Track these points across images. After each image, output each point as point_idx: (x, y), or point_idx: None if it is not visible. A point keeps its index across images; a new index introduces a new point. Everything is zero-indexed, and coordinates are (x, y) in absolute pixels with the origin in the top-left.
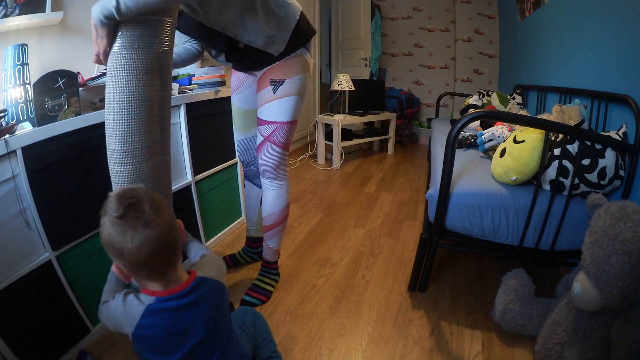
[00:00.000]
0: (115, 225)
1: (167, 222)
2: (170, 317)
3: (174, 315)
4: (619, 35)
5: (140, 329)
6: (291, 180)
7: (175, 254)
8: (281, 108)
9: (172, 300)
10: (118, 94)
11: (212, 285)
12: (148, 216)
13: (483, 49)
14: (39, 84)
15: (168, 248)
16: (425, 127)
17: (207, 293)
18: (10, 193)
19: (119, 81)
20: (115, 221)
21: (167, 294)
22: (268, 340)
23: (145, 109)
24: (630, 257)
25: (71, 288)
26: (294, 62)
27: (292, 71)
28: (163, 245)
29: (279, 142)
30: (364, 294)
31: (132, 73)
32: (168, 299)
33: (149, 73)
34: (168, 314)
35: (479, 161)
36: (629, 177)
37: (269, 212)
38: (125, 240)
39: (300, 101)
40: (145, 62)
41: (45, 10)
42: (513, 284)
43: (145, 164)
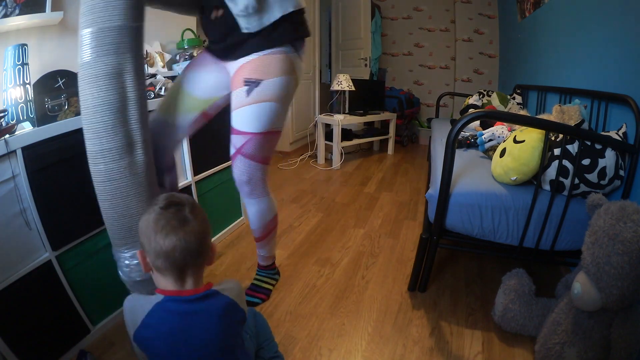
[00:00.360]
0: (155, 214)
1: (200, 230)
2: (177, 320)
3: (180, 319)
4: (619, 35)
5: (145, 329)
6: (291, 180)
7: (198, 263)
8: (255, 116)
9: (180, 302)
10: (84, 101)
11: (226, 301)
12: (185, 216)
13: (483, 49)
14: (39, 84)
15: (193, 253)
16: (425, 127)
17: (219, 307)
18: (10, 193)
19: (85, 89)
20: (157, 210)
21: (177, 294)
22: (270, 340)
23: (109, 112)
24: (630, 257)
25: (71, 288)
26: (276, 59)
27: (272, 70)
28: (189, 248)
29: (252, 155)
30: (364, 294)
31: (93, 80)
32: (177, 299)
33: (110, 78)
34: (174, 316)
35: (479, 161)
36: (629, 177)
37: (254, 227)
38: (157, 229)
39: (281, 109)
40: (106, 69)
41: (45, 10)
42: (513, 284)
43: (116, 164)
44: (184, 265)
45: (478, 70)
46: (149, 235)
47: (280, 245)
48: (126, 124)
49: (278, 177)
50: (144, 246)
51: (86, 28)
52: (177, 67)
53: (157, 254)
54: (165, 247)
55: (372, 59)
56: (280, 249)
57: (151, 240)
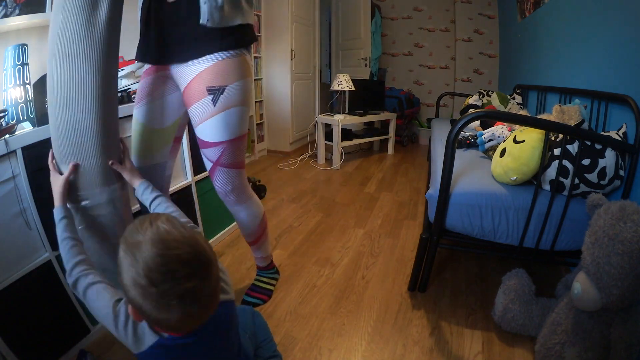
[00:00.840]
0: (182, 272)
1: (215, 266)
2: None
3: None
4: (619, 35)
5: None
6: (291, 180)
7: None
8: (225, 123)
9: (182, 339)
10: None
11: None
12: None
13: (483, 49)
14: (39, 84)
15: (215, 293)
16: (425, 127)
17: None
18: (10, 193)
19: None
20: (180, 267)
21: (180, 334)
22: (268, 340)
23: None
24: (630, 257)
25: None
26: (236, 63)
27: (234, 75)
28: (214, 291)
29: (231, 163)
30: (364, 294)
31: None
32: (179, 338)
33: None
34: (176, 351)
35: (479, 161)
36: (629, 177)
37: (245, 233)
38: (187, 284)
39: (246, 111)
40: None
41: (45, 10)
42: (513, 284)
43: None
44: (202, 312)
45: (478, 70)
46: (138, 297)
47: (280, 245)
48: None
49: (278, 177)
50: (136, 302)
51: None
52: None
53: (155, 320)
54: (185, 291)
55: (372, 59)
56: (280, 249)
57: (151, 314)
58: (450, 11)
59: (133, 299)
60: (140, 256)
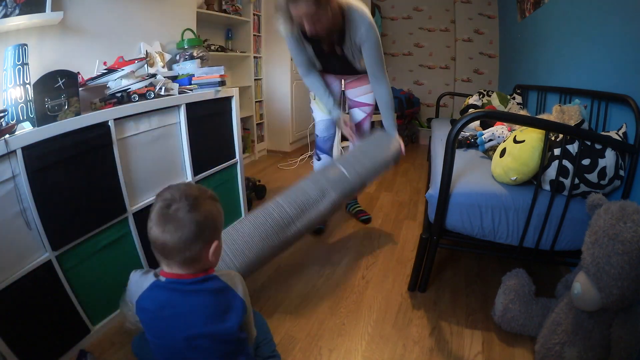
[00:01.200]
0: (155, 205)
1: (187, 229)
2: (168, 296)
3: (171, 295)
4: (618, 35)
5: (142, 300)
6: (291, 180)
7: (184, 258)
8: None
9: (176, 283)
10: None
11: (222, 286)
12: (170, 214)
13: (483, 49)
14: (39, 84)
15: (172, 248)
16: (425, 127)
17: (213, 290)
18: (10, 193)
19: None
20: (156, 202)
21: (176, 277)
22: (268, 340)
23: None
24: (630, 257)
25: (71, 288)
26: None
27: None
28: (168, 242)
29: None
30: (364, 294)
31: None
32: (175, 281)
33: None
34: (167, 292)
35: (479, 161)
36: (629, 177)
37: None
38: (150, 219)
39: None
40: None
41: (45, 10)
42: (513, 284)
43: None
44: (168, 255)
45: (478, 70)
46: (148, 220)
47: None
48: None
49: (278, 177)
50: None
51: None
52: (177, 67)
53: (150, 241)
54: (152, 237)
55: None
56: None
57: (148, 225)
58: (450, 11)
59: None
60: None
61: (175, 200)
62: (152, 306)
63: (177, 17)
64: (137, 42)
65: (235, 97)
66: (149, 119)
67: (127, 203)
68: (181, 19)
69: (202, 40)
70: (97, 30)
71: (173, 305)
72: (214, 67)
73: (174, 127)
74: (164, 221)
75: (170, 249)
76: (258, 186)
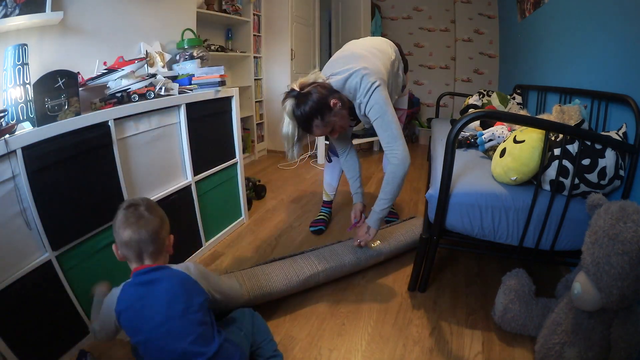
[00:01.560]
0: (119, 213)
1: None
2: (136, 291)
3: (139, 290)
4: (619, 35)
5: (118, 303)
6: (291, 180)
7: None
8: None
9: (140, 275)
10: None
11: (176, 272)
12: (140, 213)
13: (483, 49)
14: (39, 84)
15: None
16: (425, 127)
17: (168, 276)
18: (10, 193)
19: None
20: (120, 210)
21: (139, 268)
22: (268, 339)
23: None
24: (630, 257)
25: (71, 288)
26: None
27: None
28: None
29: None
30: (364, 293)
31: None
32: (137, 273)
33: None
34: (135, 287)
35: (479, 161)
36: (629, 177)
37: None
38: (119, 224)
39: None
40: None
41: (45, 10)
42: (513, 284)
43: None
44: (140, 251)
45: (478, 70)
46: (116, 229)
47: (280, 245)
48: None
49: (278, 177)
50: (115, 239)
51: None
52: (177, 67)
53: (121, 244)
54: (125, 238)
55: None
56: (280, 249)
57: (117, 234)
58: (450, 11)
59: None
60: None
61: (138, 204)
62: (125, 304)
63: (177, 17)
64: (137, 42)
65: (235, 97)
66: (149, 119)
67: None
68: (181, 19)
69: (202, 40)
70: (97, 30)
71: (141, 296)
72: (214, 67)
73: (174, 127)
74: (135, 220)
75: (144, 242)
76: (258, 186)
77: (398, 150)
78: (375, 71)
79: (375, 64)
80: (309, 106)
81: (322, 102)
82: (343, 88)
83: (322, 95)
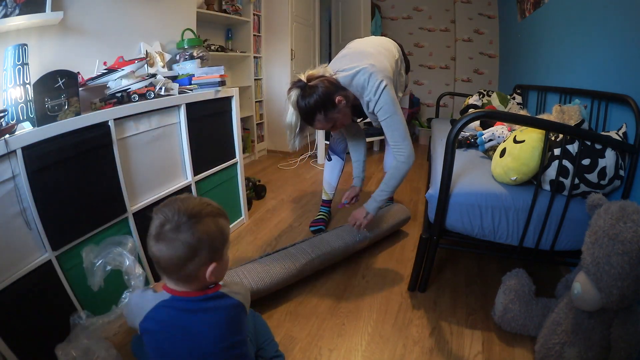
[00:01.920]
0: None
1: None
2: (176, 315)
3: (180, 315)
4: (619, 35)
5: (147, 321)
6: (291, 180)
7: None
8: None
9: (184, 301)
10: None
11: (232, 303)
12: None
13: (483, 49)
14: (39, 84)
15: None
16: (425, 127)
17: (223, 307)
18: (10, 193)
19: None
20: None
21: (183, 295)
22: (269, 340)
23: None
24: (630, 257)
25: (71, 288)
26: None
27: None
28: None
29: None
30: (364, 294)
31: None
32: (181, 299)
33: None
34: (175, 311)
35: (479, 161)
36: (629, 177)
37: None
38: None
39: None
40: None
41: (45, 10)
42: (513, 284)
43: None
44: (165, 272)
45: (478, 70)
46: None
47: (281, 245)
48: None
49: (278, 177)
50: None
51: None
52: (177, 67)
53: (155, 264)
54: (150, 253)
55: None
56: None
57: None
58: (450, 11)
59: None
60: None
61: (169, 220)
62: (158, 327)
63: (177, 17)
64: (137, 42)
65: (235, 97)
66: (149, 119)
67: (127, 203)
68: (181, 19)
69: (202, 40)
70: (97, 30)
71: (181, 325)
72: (214, 67)
73: (174, 127)
74: (157, 239)
75: (165, 267)
76: (258, 186)
77: (405, 150)
78: (382, 69)
79: (382, 62)
80: (314, 99)
81: (328, 97)
82: (350, 84)
83: (328, 90)
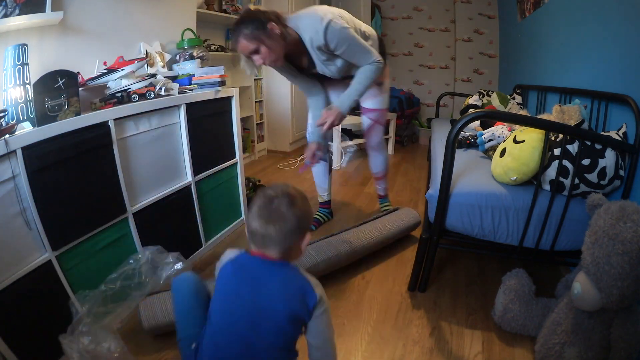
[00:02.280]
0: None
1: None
2: (253, 263)
3: (260, 265)
4: (619, 35)
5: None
6: (291, 180)
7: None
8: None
9: (269, 261)
10: None
11: (304, 280)
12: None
13: (483, 49)
14: (39, 84)
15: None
16: (425, 127)
17: (289, 280)
18: (10, 193)
19: None
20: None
21: (260, 255)
22: None
23: None
24: (630, 257)
25: (71, 288)
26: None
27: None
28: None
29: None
30: (364, 294)
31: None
32: (267, 260)
33: None
34: (253, 260)
35: (479, 161)
36: (629, 177)
37: (378, 170)
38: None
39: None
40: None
41: (45, 10)
42: (513, 284)
43: None
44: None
45: (478, 70)
46: (248, 216)
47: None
48: None
49: (278, 177)
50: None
51: None
52: (177, 67)
53: (248, 230)
54: (252, 227)
55: None
56: None
57: (248, 220)
58: (450, 11)
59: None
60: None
61: (277, 197)
62: (233, 267)
63: (177, 17)
64: (137, 42)
65: (235, 97)
66: (149, 119)
67: (127, 203)
68: (181, 19)
69: (202, 40)
70: (97, 30)
71: (256, 272)
72: (214, 67)
73: (174, 127)
74: (267, 215)
75: (270, 240)
76: (258, 186)
77: (374, 58)
78: (337, 16)
79: (341, 15)
80: (246, 13)
81: (261, 19)
82: (297, 26)
83: (265, 15)
